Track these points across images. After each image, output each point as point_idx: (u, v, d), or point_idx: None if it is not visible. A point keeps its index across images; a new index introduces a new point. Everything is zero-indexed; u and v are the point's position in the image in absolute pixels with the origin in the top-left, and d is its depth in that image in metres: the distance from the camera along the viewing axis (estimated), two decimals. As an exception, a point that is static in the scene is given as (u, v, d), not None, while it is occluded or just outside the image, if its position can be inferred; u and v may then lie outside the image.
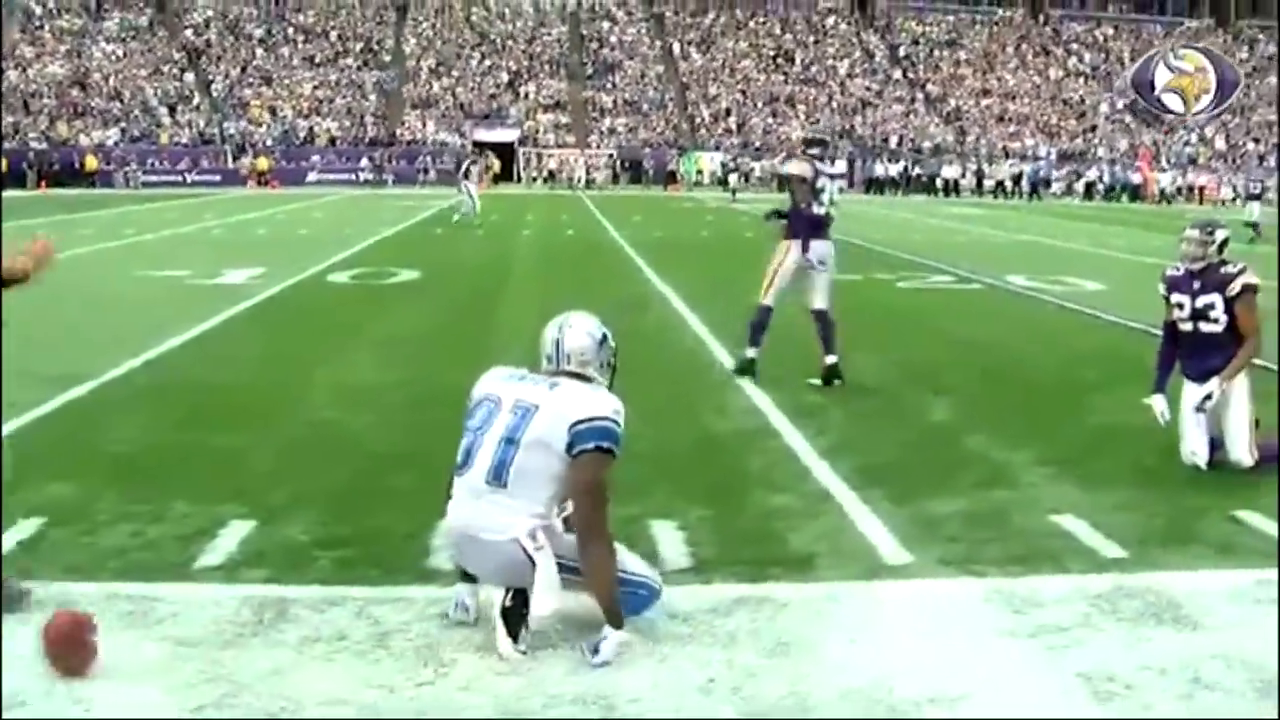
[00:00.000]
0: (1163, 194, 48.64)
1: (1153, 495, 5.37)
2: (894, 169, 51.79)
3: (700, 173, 51.19)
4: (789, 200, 8.11)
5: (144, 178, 46.05)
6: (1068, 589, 4.16)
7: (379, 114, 54.42)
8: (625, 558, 3.76)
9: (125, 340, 9.15)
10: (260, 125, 52.32)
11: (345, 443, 6.22)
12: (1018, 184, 49.91)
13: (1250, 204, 26.65)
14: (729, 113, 57.41)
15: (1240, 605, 4.04)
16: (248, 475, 5.52)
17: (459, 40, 60.28)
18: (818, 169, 7.91)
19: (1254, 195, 27.31)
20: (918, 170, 52.50)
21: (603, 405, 3.63)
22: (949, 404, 7.39)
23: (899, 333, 10.72)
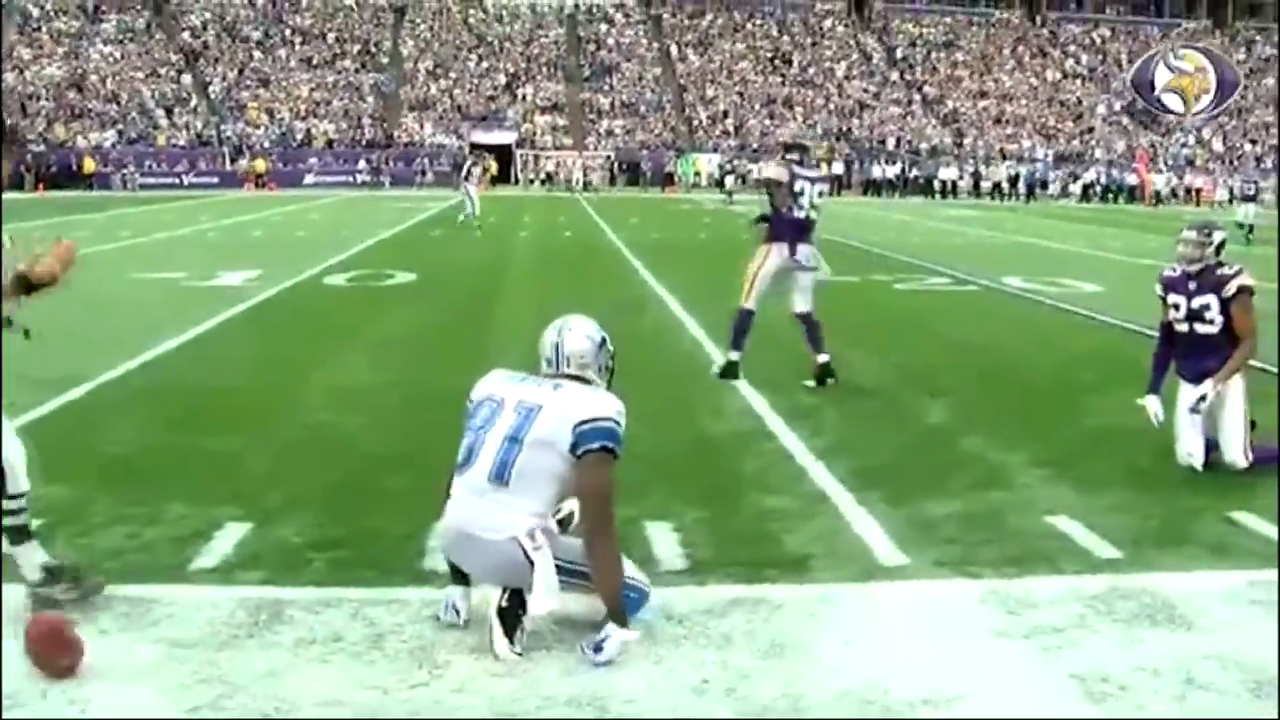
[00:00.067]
0: (1157, 195, 48.71)
1: (1148, 496, 5.38)
2: (891, 171, 51.87)
3: (698, 174, 51.22)
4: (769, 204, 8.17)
5: (141, 180, 45.98)
6: (1062, 590, 4.17)
7: (376, 116, 54.41)
8: None
9: (122, 342, 9.15)
10: (258, 127, 52.28)
11: (341, 445, 6.22)
12: (1014, 185, 49.96)
13: (1244, 205, 26.67)
14: (726, 114, 57.43)
15: (1235, 606, 4.05)
16: (243, 477, 5.53)
17: (456, 42, 60.28)
18: (794, 172, 7.94)
19: (1248, 197, 27.34)
20: (915, 172, 52.55)
21: (606, 406, 3.67)
22: (945, 405, 7.40)
23: (896, 334, 10.73)
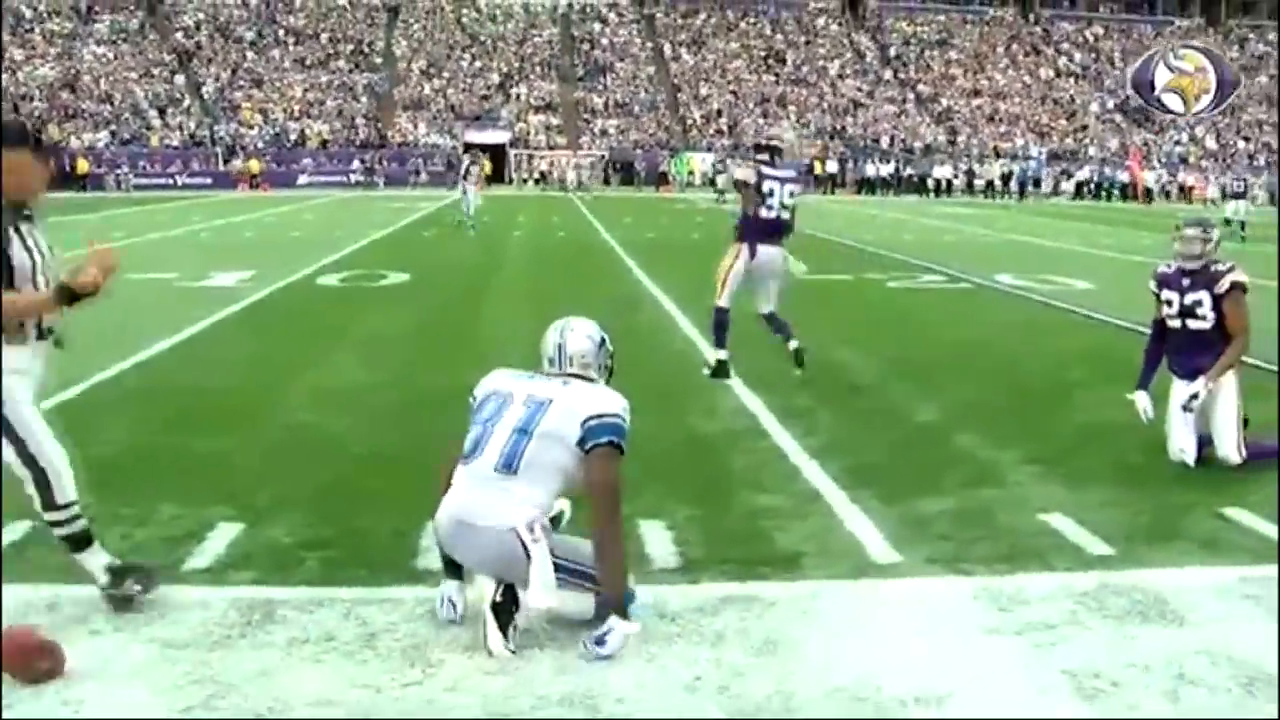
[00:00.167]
0: (1148, 192, 48.80)
1: (1139, 493, 5.39)
2: (885, 169, 51.96)
3: (692, 174, 51.20)
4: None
5: (135, 181, 45.93)
6: (1054, 587, 4.18)
7: (370, 116, 54.38)
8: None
9: (114, 343, 9.12)
10: (251, 128, 52.24)
11: (333, 445, 6.22)
12: (1007, 183, 50.01)
13: (1233, 202, 26.67)
14: (720, 114, 57.45)
15: (1226, 601, 4.06)
16: (236, 478, 5.52)
17: (450, 42, 60.28)
18: (762, 173, 7.97)
19: (1237, 194, 27.35)
20: (909, 170, 52.61)
21: (614, 403, 3.77)
22: (938, 403, 7.41)
23: (889, 332, 10.74)
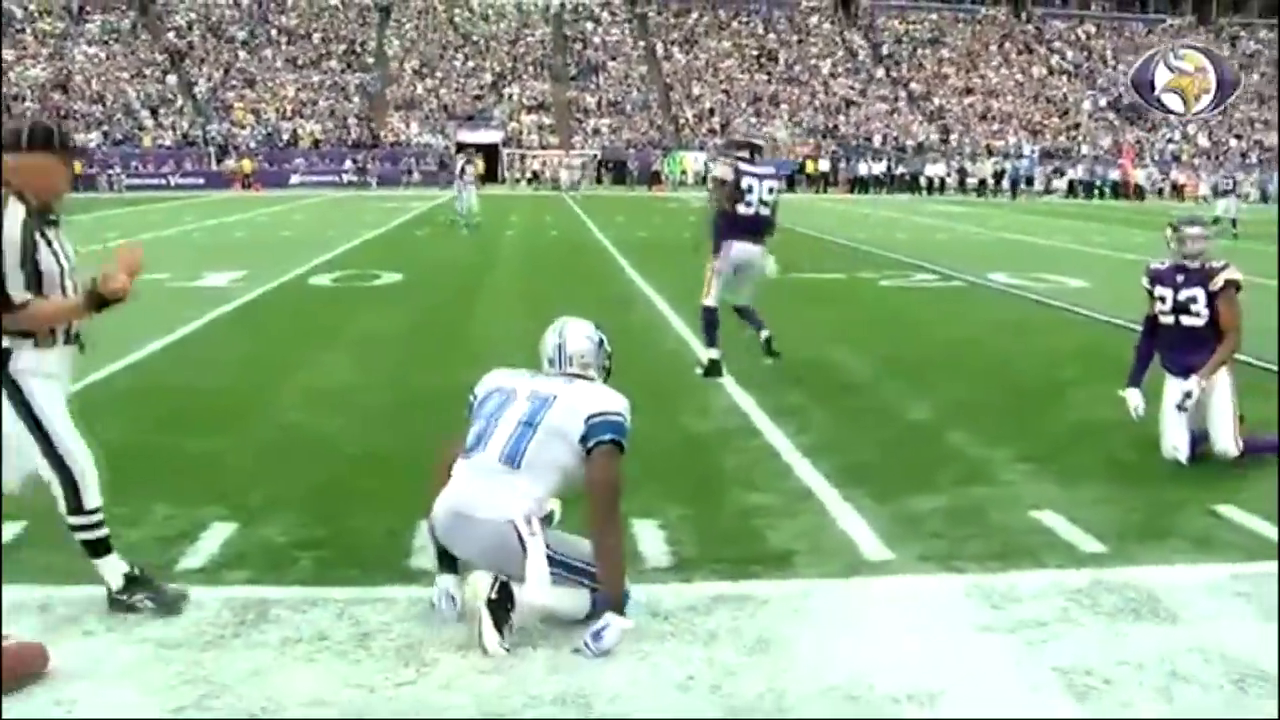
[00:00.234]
0: (1140, 190, 48.88)
1: (1131, 490, 5.40)
2: (877, 167, 51.91)
3: (684, 173, 51.17)
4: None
5: (127, 181, 45.75)
6: (1046, 584, 4.19)
7: (362, 116, 54.28)
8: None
9: (106, 344, 9.06)
10: (243, 127, 52.12)
11: (326, 445, 6.21)
12: (1000, 182, 50.04)
13: (1222, 200, 26.68)
14: (713, 112, 57.42)
15: (1218, 599, 4.07)
16: (229, 478, 5.52)
17: (442, 41, 60.20)
18: (740, 170, 7.99)
19: (1225, 191, 27.36)
20: (901, 169, 52.57)
21: (616, 402, 3.82)
22: (930, 402, 7.41)
23: (881, 331, 10.75)
